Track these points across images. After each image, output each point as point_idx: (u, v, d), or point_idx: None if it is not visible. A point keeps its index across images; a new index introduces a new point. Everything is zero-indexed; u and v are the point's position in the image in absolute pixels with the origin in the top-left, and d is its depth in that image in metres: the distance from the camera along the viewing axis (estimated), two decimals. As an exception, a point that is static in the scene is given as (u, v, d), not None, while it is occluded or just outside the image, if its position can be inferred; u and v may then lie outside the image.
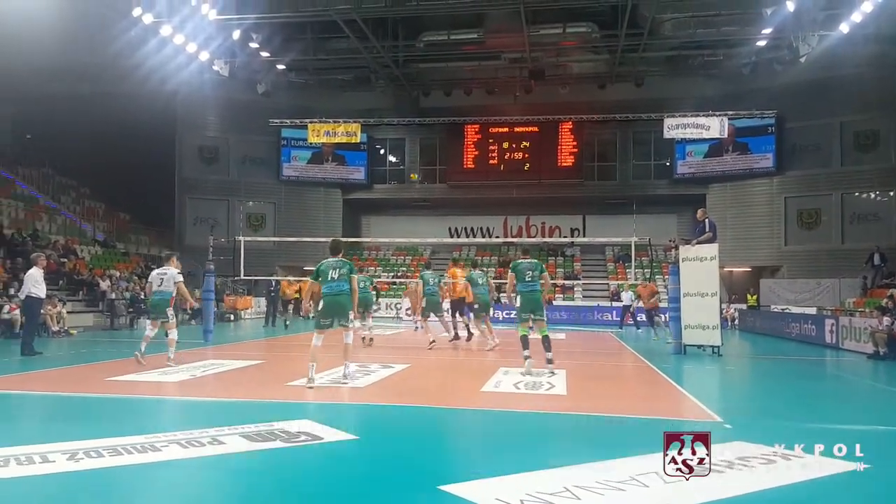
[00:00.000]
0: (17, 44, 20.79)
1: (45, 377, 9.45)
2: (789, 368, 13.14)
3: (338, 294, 8.18)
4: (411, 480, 4.65)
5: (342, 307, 8.20)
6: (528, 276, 9.81)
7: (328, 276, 8.19)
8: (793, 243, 29.26)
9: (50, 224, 25.37)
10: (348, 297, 8.23)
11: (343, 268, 8.29)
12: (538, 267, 9.99)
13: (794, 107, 28.35)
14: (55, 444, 5.10)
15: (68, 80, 26.49)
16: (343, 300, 8.17)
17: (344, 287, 8.20)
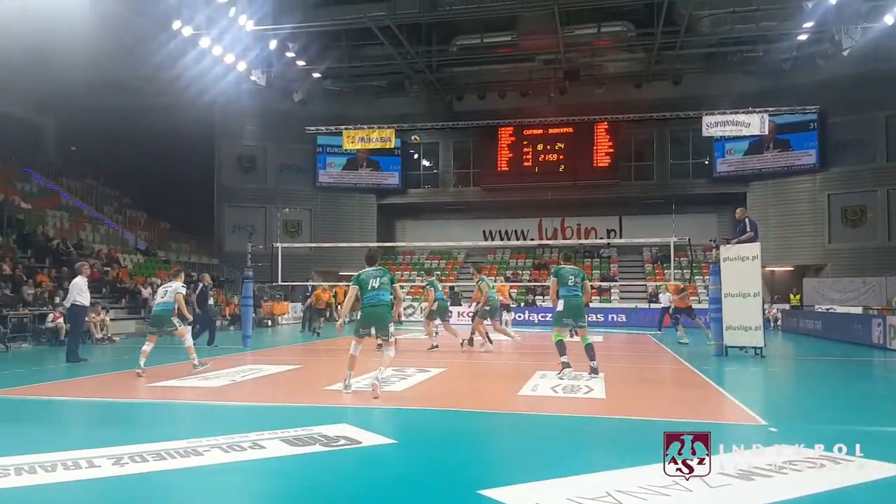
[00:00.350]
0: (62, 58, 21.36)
1: (89, 383, 9.67)
2: (835, 370, 12.78)
3: (377, 304, 7.91)
4: (450, 485, 4.62)
5: (381, 318, 7.94)
6: (571, 281, 9.72)
7: (368, 286, 7.94)
8: (837, 241, 28.53)
9: (93, 233, 26.01)
10: (388, 307, 7.98)
11: (384, 276, 8.06)
12: (580, 274, 9.94)
13: (837, 101, 27.68)
14: (101, 448, 5.20)
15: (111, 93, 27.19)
16: (382, 311, 7.91)
17: (384, 297, 7.94)
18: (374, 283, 7.92)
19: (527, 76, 30.03)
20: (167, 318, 10.07)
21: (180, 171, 29.81)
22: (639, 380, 10.22)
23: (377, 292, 7.91)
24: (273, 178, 33.32)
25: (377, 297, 7.90)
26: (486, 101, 31.63)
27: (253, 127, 33.04)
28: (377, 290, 7.90)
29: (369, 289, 7.91)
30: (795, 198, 29.35)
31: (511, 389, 8.60)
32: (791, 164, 29.20)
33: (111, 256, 24.17)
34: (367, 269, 8.18)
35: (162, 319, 10.12)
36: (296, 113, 31.13)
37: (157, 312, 10.21)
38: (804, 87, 27.59)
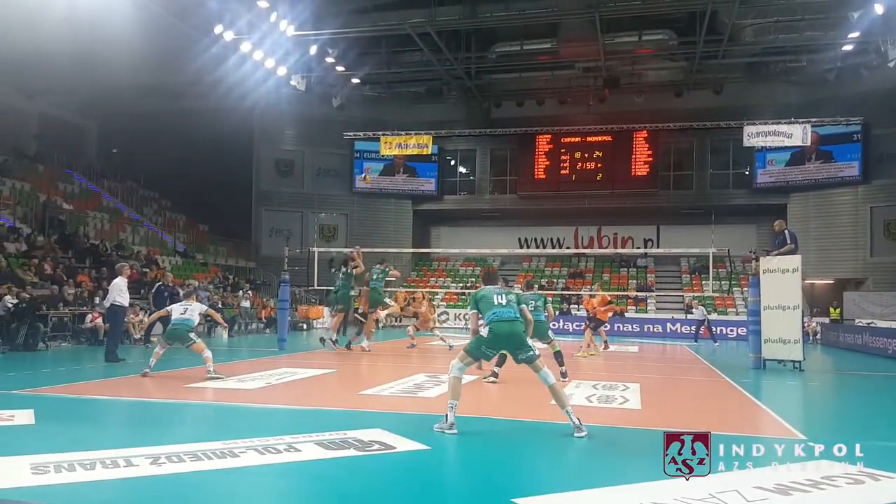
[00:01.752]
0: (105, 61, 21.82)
1: (127, 383, 9.76)
2: (876, 385, 12.47)
3: (514, 320, 6.61)
4: (484, 492, 4.62)
5: (518, 336, 6.62)
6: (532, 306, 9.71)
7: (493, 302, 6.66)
8: (879, 255, 27.91)
9: (133, 235, 26.48)
10: (522, 324, 6.76)
11: (510, 295, 6.90)
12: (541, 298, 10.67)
13: (881, 113, 27.11)
14: (139, 448, 5.27)
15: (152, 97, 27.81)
16: (518, 327, 6.65)
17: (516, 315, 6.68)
18: (502, 299, 6.70)
19: (566, 84, 29.94)
20: (183, 333, 10.12)
21: (219, 175, 30.29)
22: (674, 391, 10.09)
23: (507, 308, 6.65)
24: (310, 182, 33.70)
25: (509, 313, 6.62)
26: (524, 108, 31.61)
27: (291, 131, 33.50)
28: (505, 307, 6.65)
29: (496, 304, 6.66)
30: (837, 210, 28.76)
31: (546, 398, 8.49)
32: (833, 176, 28.63)
33: (150, 258, 24.63)
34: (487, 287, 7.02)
35: (177, 334, 10.16)
36: (334, 118, 31.47)
37: (175, 327, 10.24)
38: (848, 99, 27.04)
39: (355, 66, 27.89)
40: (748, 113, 27.85)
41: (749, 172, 30.61)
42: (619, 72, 28.17)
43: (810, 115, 26.87)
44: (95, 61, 22.02)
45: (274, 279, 25.83)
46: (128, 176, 31.15)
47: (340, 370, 11.86)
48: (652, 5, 23.56)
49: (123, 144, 32.07)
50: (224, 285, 26.19)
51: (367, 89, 30.75)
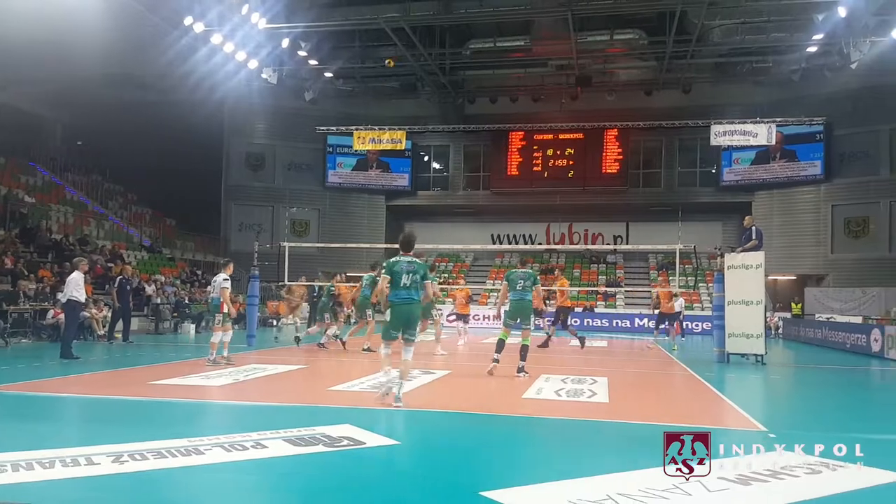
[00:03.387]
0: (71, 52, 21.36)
1: (89, 380, 9.58)
2: (834, 378, 12.83)
3: (409, 303, 7.27)
4: (453, 486, 4.66)
5: (414, 317, 7.38)
6: (520, 285, 10.04)
7: (400, 282, 7.22)
8: (839, 252, 28.66)
9: (98, 229, 25.96)
10: (419, 306, 7.43)
11: (417, 273, 7.32)
12: (531, 277, 10.25)
13: (843, 114, 27.81)
14: (100, 446, 5.16)
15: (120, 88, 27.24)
16: (414, 310, 7.32)
17: (415, 296, 7.28)
18: (406, 279, 7.21)
19: (539, 81, 30.12)
20: (213, 313, 10.53)
21: (188, 168, 29.79)
22: (641, 384, 10.26)
23: (409, 290, 7.25)
24: (281, 177, 33.41)
25: (408, 295, 7.25)
26: (497, 105, 31.69)
27: (262, 125, 33.15)
28: (409, 288, 7.24)
29: (400, 285, 7.22)
30: (800, 208, 29.42)
31: (515, 392, 8.64)
32: (797, 175, 29.27)
33: (115, 252, 24.21)
34: (401, 258, 7.41)
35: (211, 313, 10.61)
36: (306, 112, 31.23)
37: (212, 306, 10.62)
38: (812, 99, 27.63)
39: (328, 60, 27.68)
40: (715, 112, 28.32)
41: (715, 171, 31.12)
42: (591, 70, 28.39)
43: (775, 115, 27.42)
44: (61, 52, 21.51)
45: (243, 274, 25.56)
46: (93, 169, 30.50)
47: (310, 366, 11.82)
48: (623, 5, 23.80)
49: (89, 137, 31.40)
50: (192, 280, 25.86)
51: (341, 84, 30.53)
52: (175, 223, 31.83)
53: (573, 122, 31.31)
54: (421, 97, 32.00)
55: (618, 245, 32.60)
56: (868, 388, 11.94)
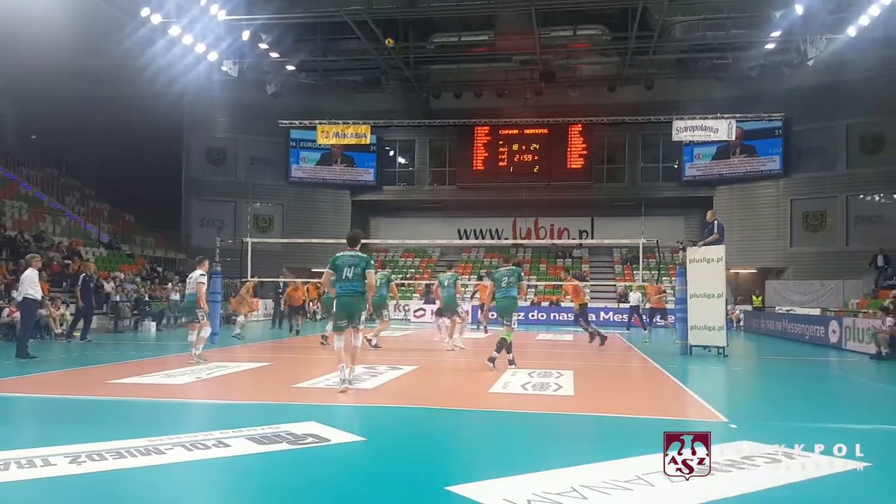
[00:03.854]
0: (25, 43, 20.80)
1: (46, 380, 9.36)
2: (794, 369, 13.11)
3: (351, 294, 7.77)
4: (419, 481, 4.63)
5: (357, 308, 7.85)
6: (505, 282, 10.28)
7: (342, 274, 7.74)
8: (798, 245, 29.32)
9: (54, 225, 25.29)
10: (362, 297, 7.85)
11: (358, 266, 7.79)
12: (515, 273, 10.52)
13: (801, 110, 28.37)
14: (56, 447, 5.03)
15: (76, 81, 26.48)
16: (356, 301, 7.80)
17: (358, 287, 7.76)
18: (349, 272, 7.74)
19: (503, 76, 30.18)
20: (192, 310, 10.37)
21: (147, 163, 29.15)
22: (606, 377, 10.36)
23: (351, 282, 7.75)
24: (244, 171, 32.93)
25: (351, 287, 7.76)
26: (462, 99, 31.68)
27: (223, 119, 32.61)
28: (351, 280, 7.74)
29: (343, 277, 7.75)
30: (760, 202, 30.01)
31: (482, 387, 8.64)
32: (756, 170, 29.86)
33: (73, 249, 23.61)
34: (345, 252, 7.97)
35: (190, 310, 10.42)
36: (268, 106, 30.76)
37: (186, 304, 10.52)
38: (770, 95, 28.15)
39: (290, 52, 27.34)
40: (677, 108, 28.68)
41: (677, 166, 31.57)
42: (554, 65, 28.56)
43: (735, 111, 27.85)
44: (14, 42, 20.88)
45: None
46: (48, 163, 29.59)
47: (275, 363, 11.67)
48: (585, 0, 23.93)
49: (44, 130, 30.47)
50: (152, 277, 25.36)
51: (303, 77, 30.19)
52: (134, 219, 31.11)
53: (538, 117, 31.47)
54: (385, 91, 31.82)
55: (583, 240, 32.91)
56: (826, 378, 12.23)
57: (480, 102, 31.45)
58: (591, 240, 32.71)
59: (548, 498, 3.97)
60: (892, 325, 13.60)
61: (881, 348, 13.56)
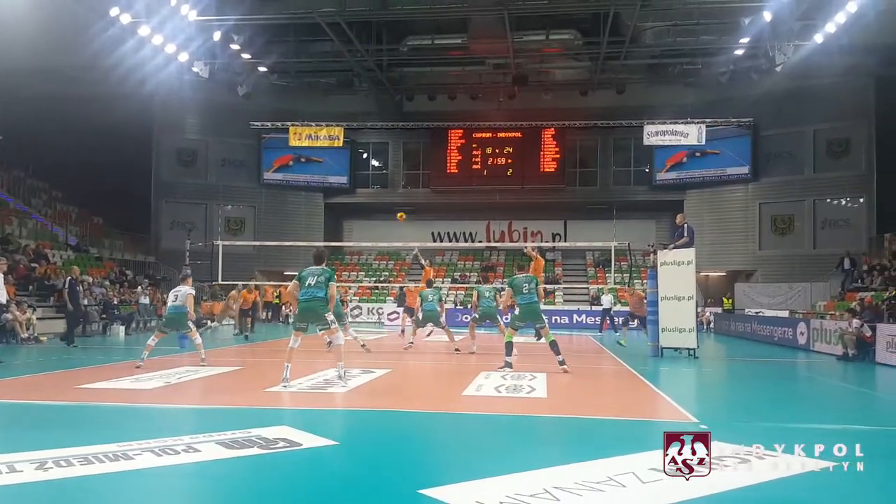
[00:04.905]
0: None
1: (11, 385, 9.19)
2: (763, 370, 13.32)
3: (311, 300, 8.39)
4: (391, 485, 4.61)
5: (315, 312, 8.42)
6: (525, 289, 10.48)
7: (306, 283, 8.46)
8: (767, 248, 29.82)
9: (20, 228, 24.75)
10: (322, 302, 8.42)
11: (321, 276, 8.53)
12: (533, 279, 10.75)
13: (769, 115, 28.91)
14: (22, 453, 4.94)
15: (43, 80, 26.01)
16: (316, 305, 8.38)
17: (319, 293, 8.40)
18: (312, 280, 8.43)
19: (477, 79, 30.27)
20: (180, 320, 10.50)
21: (116, 164, 28.63)
22: (579, 380, 10.40)
23: (313, 289, 8.39)
24: (215, 173, 32.59)
25: (312, 293, 8.39)
26: (436, 102, 31.72)
27: (194, 120, 32.23)
28: (313, 287, 8.39)
29: (306, 285, 8.42)
30: (729, 206, 30.48)
31: (455, 390, 8.64)
32: (725, 174, 30.31)
33: (39, 252, 23.14)
34: (311, 267, 8.73)
35: (175, 321, 10.55)
36: (240, 107, 30.49)
37: (171, 315, 10.62)
38: (739, 101, 28.63)
39: (262, 54, 27.09)
40: (648, 112, 29.08)
41: (648, 170, 31.93)
42: (527, 69, 28.72)
43: (705, 116, 28.38)
44: (-23, 41, 20.47)
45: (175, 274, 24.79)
46: (14, 164, 28.95)
47: (246, 368, 11.55)
48: (558, 5, 24.14)
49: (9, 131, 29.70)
50: (121, 281, 24.93)
51: (276, 78, 29.97)
52: (103, 221, 30.59)
53: (511, 120, 31.66)
54: (358, 93, 31.73)
55: (556, 243, 33.10)
56: (795, 379, 12.46)
57: (454, 105, 31.52)
58: (564, 243, 32.93)
59: (520, 499, 3.98)
60: (859, 327, 13.85)
61: (848, 349, 13.83)
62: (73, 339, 15.30)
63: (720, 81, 28.33)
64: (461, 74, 30.01)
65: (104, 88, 25.25)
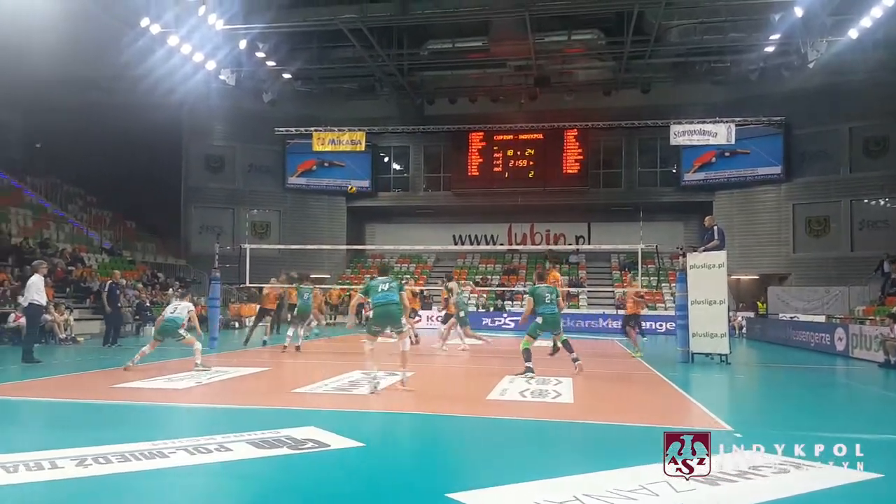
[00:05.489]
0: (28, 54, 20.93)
1: (51, 384, 9.46)
2: (799, 377, 12.98)
3: (388, 303, 8.54)
4: (419, 488, 4.61)
5: (392, 315, 8.56)
6: (548, 299, 10.58)
7: (378, 289, 8.65)
8: (801, 251, 29.10)
9: (58, 232, 25.39)
10: (398, 306, 8.61)
11: (393, 283, 8.89)
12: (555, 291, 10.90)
13: (801, 113, 28.21)
14: (63, 450, 5.11)
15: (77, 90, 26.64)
16: (392, 308, 8.54)
17: (394, 298, 8.60)
18: (385, 286, 8.67)
19: (498, 82, 30.18)
20: (173, 330, 10.68)
21: (147, 171, 29.27)
22: (606, 385, 10.31)
23: (387, 293, 8.59)
24: (241, 178, 32.96)
25: (388, 297, 8.57)
26: (456, 105, 31.69)
27: (221, 127, 32.65)
28: (387, 292, 8.60)
29: (379, 291, 8.62)
30: (760, 207, 29.88)
31: (480, 393, 8.61)
32: (756, 175, 29.69)
33: (76, 255, 23.66)
34: (377, 277, 9.03)
35: (168, 331, 10.72)
36: (265, 114, 30.87)
37: (165, 325, 10.78)
38: (770, 99, 28.11)
39: (286, 61, 27.42)
40: (675, 112, 28.71)
41: (676, 170, 31.53)
42: (549, 71, 28.58)
43: (734, 115, 27.90)
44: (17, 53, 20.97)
45: (204, 277, 25.11)
46: (52, 171, 29.70)
47: (273, 369, 11.65)
48: (580, 5, 23.91)
49: (47, 139, 30.58)
50: (153, 283, 25.36)
51: (299, 85, 30.23)
52: (135, 226, 31.27)
53: (532, 122, 31.49)
54: (380, 98, 31.84)
55: (580, 245, 32.84)
56: (833, 386, 12.04)
57: (475, 108, 31.49)
58: (587, 245, 32.63)
59: (549, 505, 3.94)
60: (903, 333, 13.41)
61: (890, 356, 13.36)
62: (117, 339, 15.71)
63: (750, 79, 27.73)
64: (482, 77, 29.96)
65: (135, 97, 25.77)
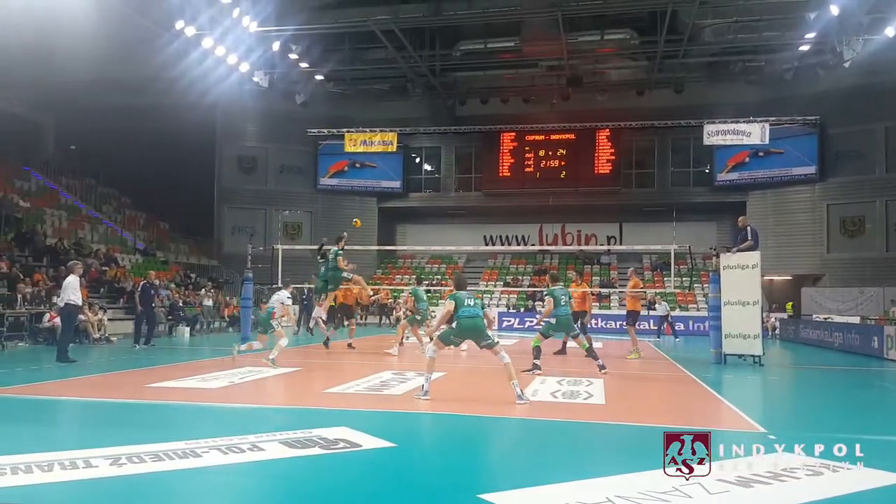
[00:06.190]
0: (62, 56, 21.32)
1: (85, 383, 9.61)
2: (834, 379, 12.78)
3: (475, 317, 8.43)
4: (451, 489, 4.61)
5: (478, 329, 8.43)
6: (564, 300, 10.98)
7: (464, 303, 8.59)
8: (835, 251, 28.61)
9: (92, 233, 25.84)
10: (482, 320, 8.56)
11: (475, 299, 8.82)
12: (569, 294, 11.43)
13: (836, 112, 27.75)
14: (97, 449, 5.16)
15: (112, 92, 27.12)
16: (479, 322, 8.45)
17: (480, 312, 8.55)
18: (471, 301, 8.60)
19: (529, 82, 30.11)
20: (265, 321, 11.38)
21: (180, 172, 29.75)
22: (638, 386, 10.22)
23: (473, 308, 8.49)
24: (274, 179, 33.35)
25: (474, 311, 8.46)
26: (488, 105, 31.67)
27: (254, 128, 33.07)
28: (473, 307, 8.51)
29: (465, 305, 8.52)
30: (794, 208, 29.42)
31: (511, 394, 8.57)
32: (790, 174, 29.25)
33: (110, 256, 24.09)
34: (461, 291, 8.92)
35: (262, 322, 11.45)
36: (298, 115, 31.19)
37: (263, 317, 11.52)
38: (805, 98, 27.65)
39: (319, 62, 27.67)
40: (708, 112, 28.35)
41: (709, 171, 31.13)
42: (581, 70, 28.43)
43: (768, 114, 27.46)
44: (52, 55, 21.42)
45: (237, 277, 25.47)
46: (86, 173, 30.35)
47: (305, 369, 11.75)
48: (613, 5, 23.82)
49: (81, 140, 31.22)
50: (186, 283, 25.74)
51: (332, 86, 30.49)
52: (168, 227, 31.73)
53: (564, 122, 31.34)
54: (412, 99, 31.95)
55: (611, 246, 32.58)
56: (868, 388, 11.80)
57: (506, 108, 31.42)
58: (619, 246, 32.38)
59: (582, 507, 3.92)
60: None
61: (924, 357, 13.15)
62: (150, 339, 15.91)
63: (784, 78, 27.38)
64: (514, 77, 29.91)
65: (169, 99, 26.17)
